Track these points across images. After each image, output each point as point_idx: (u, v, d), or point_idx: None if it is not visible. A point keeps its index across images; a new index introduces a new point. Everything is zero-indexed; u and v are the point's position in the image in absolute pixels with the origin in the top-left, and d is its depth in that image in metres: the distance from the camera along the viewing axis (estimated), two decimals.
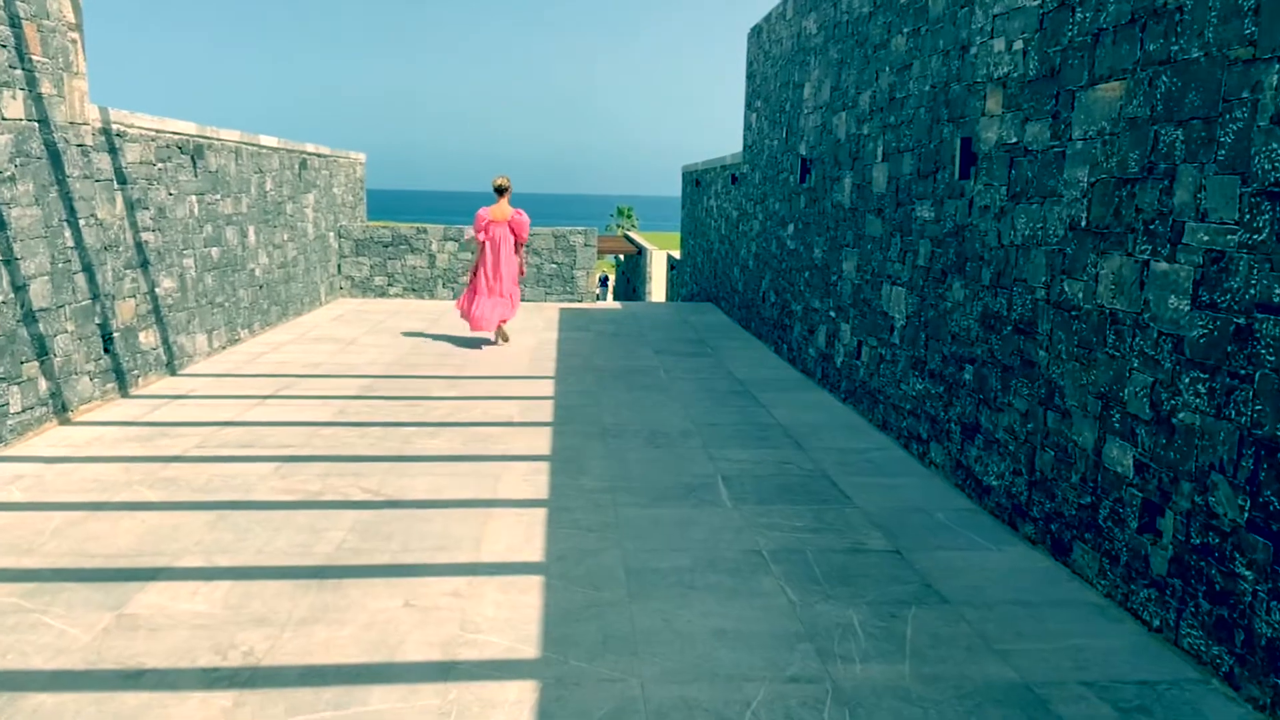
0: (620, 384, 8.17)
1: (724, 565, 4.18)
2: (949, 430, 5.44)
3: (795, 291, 9.14)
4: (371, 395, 7.53)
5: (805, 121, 8.82)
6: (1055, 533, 4.28)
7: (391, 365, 8.83)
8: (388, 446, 6.01)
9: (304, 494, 5.06)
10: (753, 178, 11.34)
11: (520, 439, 6.28)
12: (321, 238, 13.09)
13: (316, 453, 5.85)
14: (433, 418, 6.82)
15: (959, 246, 5.34)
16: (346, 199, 14.51)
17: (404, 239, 14.16)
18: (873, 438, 6.47)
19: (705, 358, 9.64)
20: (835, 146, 7.82)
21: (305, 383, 7.97)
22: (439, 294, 14.24)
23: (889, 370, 6.44)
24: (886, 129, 6.58)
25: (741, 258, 11.97)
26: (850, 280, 7.35)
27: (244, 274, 9.95)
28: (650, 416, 6.98)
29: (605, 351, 9.89)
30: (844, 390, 7.49)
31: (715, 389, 8.06)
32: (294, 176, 11.73)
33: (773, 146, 10.23)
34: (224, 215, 9.38)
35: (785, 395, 7.84)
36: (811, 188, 8.56)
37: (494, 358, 9.36)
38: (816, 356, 8.32)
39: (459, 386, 7.94)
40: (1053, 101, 4.36)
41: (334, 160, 13.71)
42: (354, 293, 14.17)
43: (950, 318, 5.44)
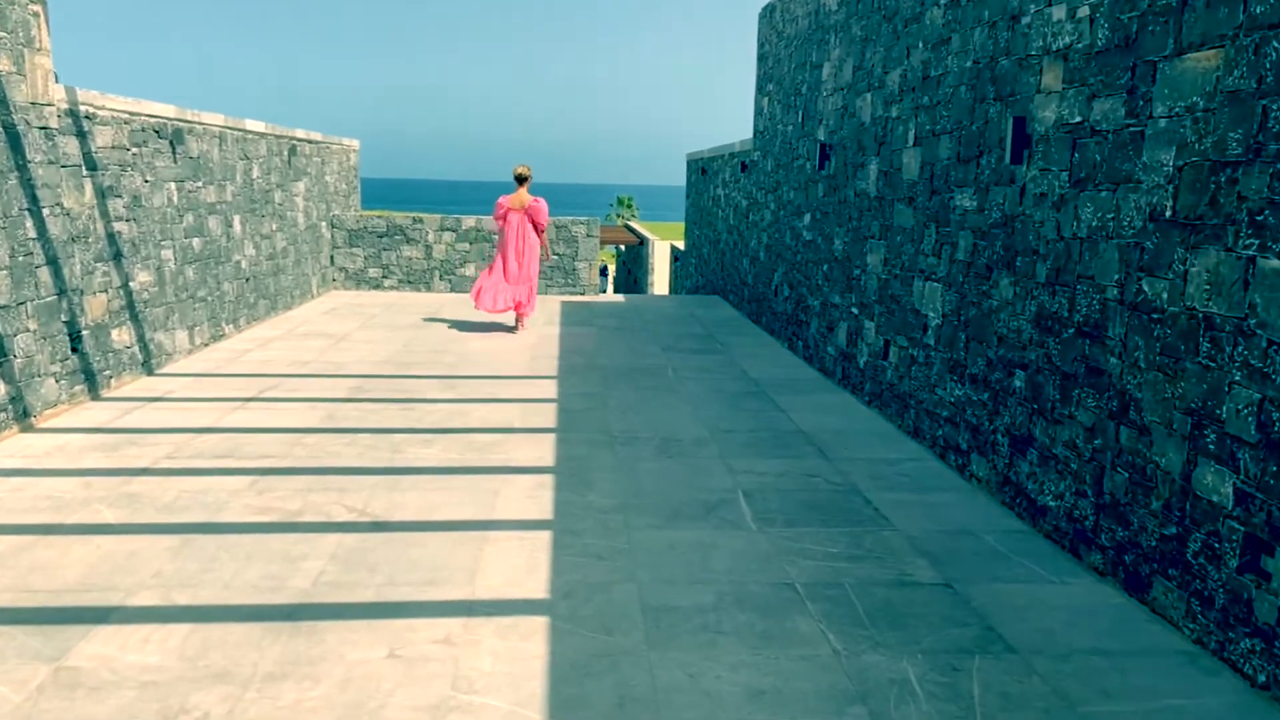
0: (627, 384, 7.66)
1: (753, 601, 3.68)
2: (995, 442, 4.93)
3: (812, 285, 8.63)
4: (361, 397, 7.01)
5: (824, 104, 8.29)
6: (1130, 565, 3.77)
7: (384, 364, 8.31)
8: (377, 457, 5.50)
9: (281, 514, 4.55)
10: (764, 165, 10.80)
11: (521, 447, 5.77)
12: (313, 228, 12.56)
13: (298, 464, 5.34)
14: (427, 423, 6.31)
15: (1008, 239, 4.82)
16: (340, 187, 13.96)
17: (399, 229, 13.63)
18: (904, 446, 5.96)
19: (715, 355, 9.12)
20: (859, 131, 7.29)
21: (291, 383, 7.45)
22: (435, 286, 13.71)
23: (922, 373, 5.93)
24: (919, 110, 6.05)
25: (752, 249, 11.45)
26: (876, 275, 6.83)
27: (229, 266, 9.43)
28: (661, 421, 6.47)
29: (610, 348, 9.38)
30: (868, 393, 6.98)
31: (728, 390, 7.54)
32: (283, 164, 11.19)
33: (787, 132, 9.70)
34: (206, 204, 8.85)
35: (804, 397, 7.33)
36: (831, 175, 8.03)
37: (492, 356, 8.85)
38: (836, 355, 7.80)
39: (455, 387, 7.43)
40: (1128, 74, 3.84)
41: (326, 147, 13.16)
42: (347, 285, 13.64)
43: (996, 317, 4.92)
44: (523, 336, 9.98)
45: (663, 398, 7.20)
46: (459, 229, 13.66)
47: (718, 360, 8.85)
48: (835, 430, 6.32)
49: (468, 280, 13.70)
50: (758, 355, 9.17)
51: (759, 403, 7.11)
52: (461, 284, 13.70)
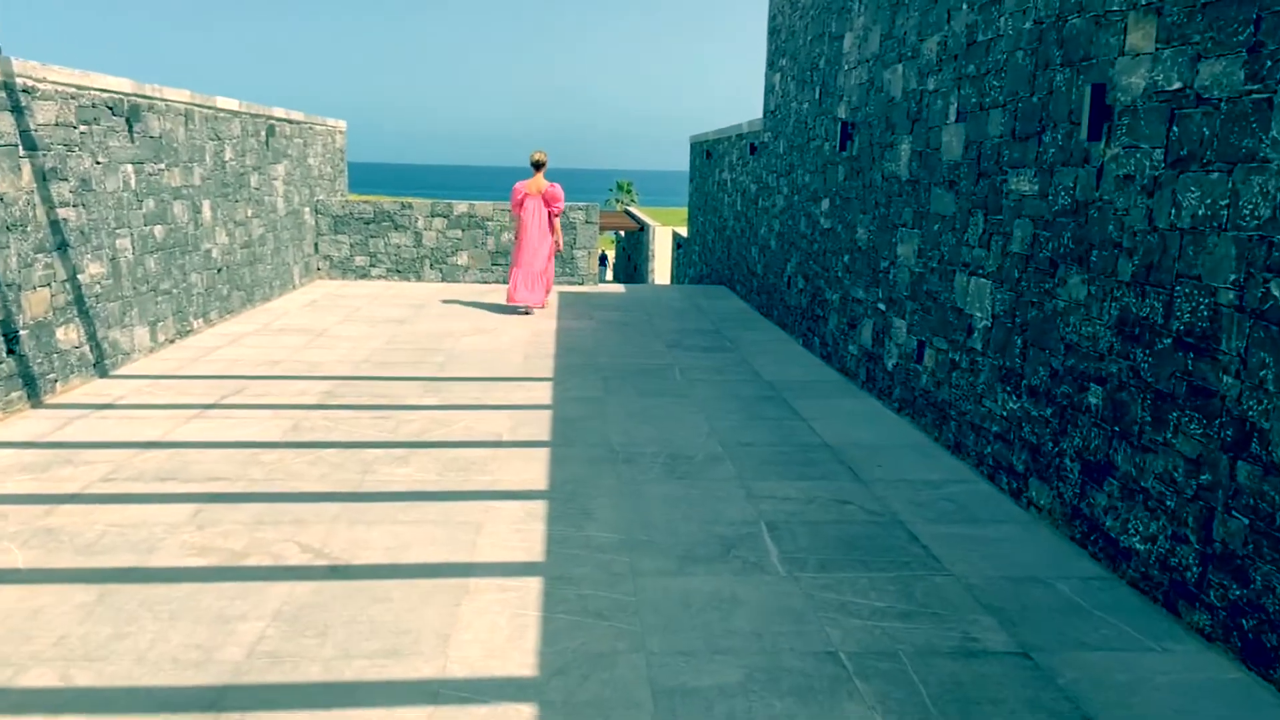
0: (630, 387, 6.95)
1: (789, 680, 2.98)
2: (1061, 467, 4.23)
3: (830, 278, 7.91)
4: (334, 404, 6.30)
5: (846, 79, 7.54)
6: (1250, 632, 3.08)
7: (363, 363, 7.59)
8: (343, 479, 4.80)
9: (223, 555, 3.85)
10: (776, 146, 10.06)
11: (510, 466, 5.06)
12: (294, 214, 11.82)
13: (252, 488, 4.63)
14: (404, 434, 5.60)
15: (1080, 229, 4.10)
16: (324, 171, 13.21)
17: (387, 215, 12.89)
18: (945, 464, 5.25)
19: (725, 353, 8.41)
20: (887, 107, 6.56)
21: (259, 386, 6.74)
22: (426, 276, 12.98)
23: (965, 381, 5.22)
24: (963, 81, 5.32)
25: (761, 237, 10.72)
26: (907, 267, 6.12)
27: (197, 256, 8.70)
28: (668, 432, 5.77)
29: (610, 345, 8.67)
30: (898, 399, 6.27)
31: (741, 394, 6.84)
32: (260, 145, 10.44)
33: (802, 110, 8.96)
34: (170, 188, 8.12)
35: (825, 403, 6.62)
36: (854, 156, 7.29)
37: (483, 354, 8.14)
38: (859, 355, 7.09)
39: (440, 391, 6.72)
40: (1250, 29, 3.11)
41: (309, 128, 12.40)
42: (333, 274, 12.91)
43: (1064, 321, 4.21)
44: (515, 331, 9.27)
45: (670, 404, 6.49)
46: (450, 215, 12.92)
47: (728, 359, 8.14)
48: (864, 443, 5.62)
49: (459, 269, 12.97)
50: (770, 353, 8.46)
51: (776, 409, 6.41)
52: (453, 273, 12.98)
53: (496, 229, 12.91)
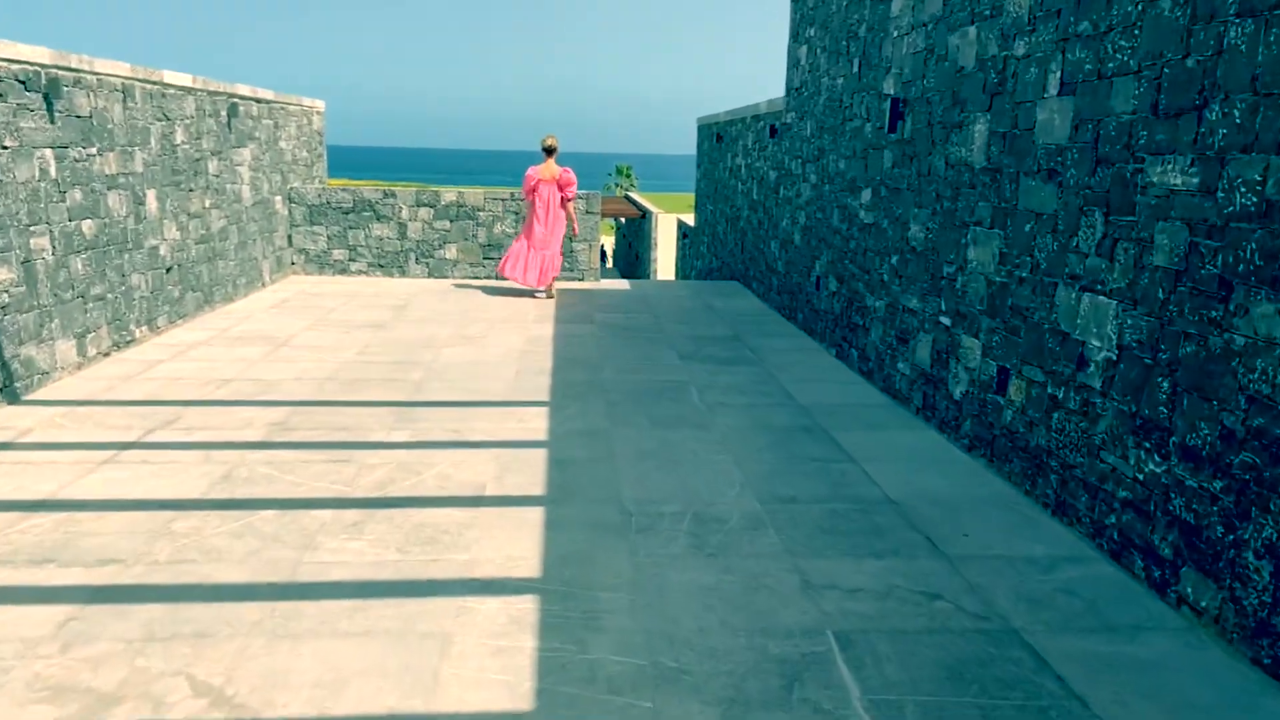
0: (640, 415, 5.83)
1: None
2: (1238, 561, 3.11)
3: (872, 281, 6.78)
4: (282, 441, 5.18)
5: (895, 48, 6.39)
6: None
7: (327, 382, 6.47)
8: (275, 560, 3.68)
9: (81, 706, 2.73)
10: (801, 128, 8.91)
11: (492, 535, 3.95)
12: (264, 203, 10.66)
13: (151, 577, 3.52)
14: (363, 488, 4.49)
15: (1272, 240, 2.98)
16: (299, 155, 12.04)
17: (368, 204, 11.73)
18: (1048, 532, 4.14)
19: (747, 367, 7.28)
20: (954, 79, 5.41)
21: (196, 415, 5.62)
22: (411, 270, 11.83)
23: (1074, 425, 4.10)
24: (1071, 42, 4.18)
25: (783, 230, 9.57)
26: (983, 275, 4.99)
27: (140, 254, 7.55)
28: (691, 481, 4.65)
29: (615, 356, 7.54)
30: (969, 435, 5.16)
31: (773, 423, 5.72)
32: (220, 126, 9.27)
33: (835, 86, 7.80)
34: (104, 176, 6.97)
35: (876, 437, 5.50)
36: (906, 139, 6.15)
37: (469, 369, 7.01)
38: (913, 376, 5.97)
39: (413, 421, 5.60)
40: None
41: (280, 107, 11.23)
42: (308, 269, 11.75)
43: (1246, 364, 3.09)
44: (507, 339, 8.13)
45: (689, 438, 5.37)
46: (437, 204, 11.76)
47: (752, 375, 7.01)
48: (936, 496, 4.51)
49: (447, 264, 11.83)
50: (800, 367, 7.33)
51: (819, 445, 5.29)
52: (441, 268, 11.83)
53: (489, 219, 11.76)
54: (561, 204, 10.40)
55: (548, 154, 10.47)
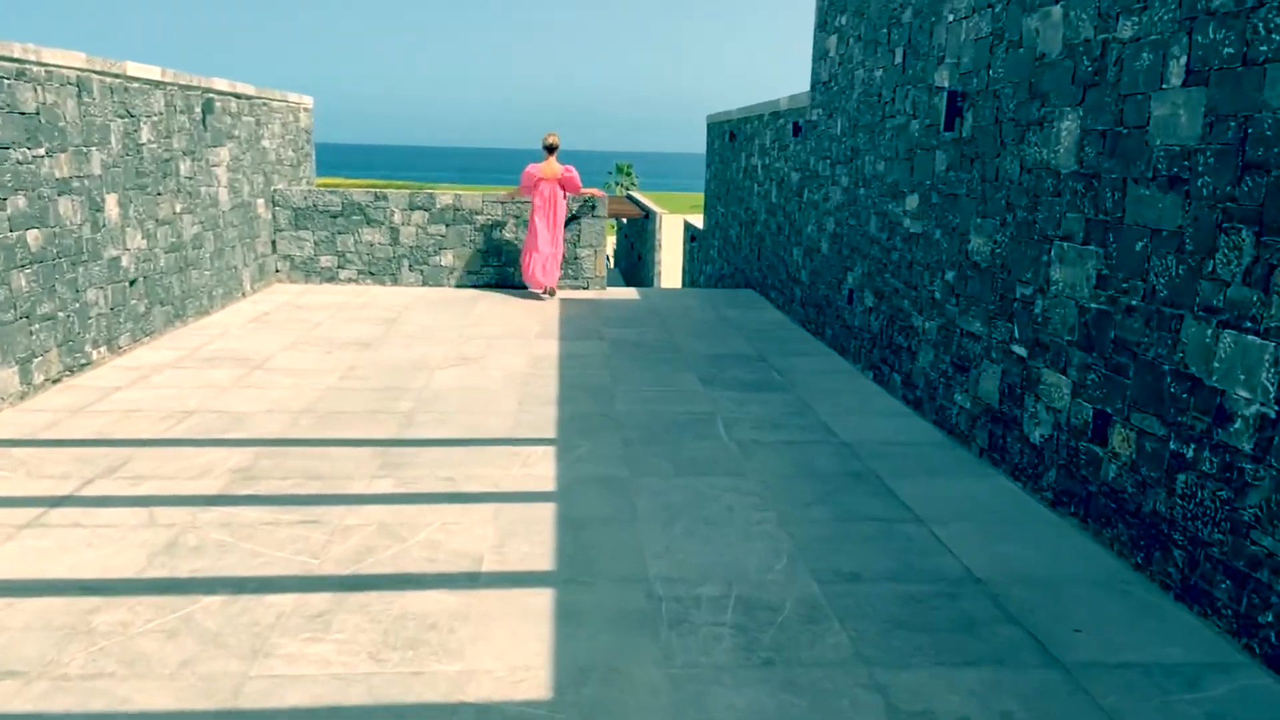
0: (662, 457, 5.05)
1: None
2: None
3: (920, 299, 6.00)
4: (243, 495, 4.39)
5: (950, 34, 5.61)
6: None
7: (303, 415, 5.69)
8: (210, 675, 2.90)
9: None
10: (830, 126, 8.12)
11: (491, 633, 3.17)
12: (244, 207, 9.87)
13: (48, 704, 2.74)
14: (334, 560, 3.71)
15: None
16: (284, 154, 11.24)
17: (358, 207, 10.93)
18: (1179, 627, 3.35)
19: (777, 393, 6.50)
20: (1032, 68, 4.63)
21: (148, 460, 4.83)
22: (404, 278, 11.04)
23: (1212, 495, 3.32)
24: (1200, 21, 3.40)
25: (809, 237, 8.79)
26: (1073, 299, 4.21)
27: (98, 266, 6.77)
28: (730, 550, 3.87)
29: (628, 380, 6.75)
30: (1054, 488, 4.38)
31: (817, 467, 4.94)
32: (193, 124, 8.48)
33: (872, 79, 7.01)
34: (54, 180, 6.18)
35: (939, 486, 4.72)
36: (965, 138, 5.37)
37: (464, 397, 6.22)
38: (974, 411, 5.19)
39: (400, 467, 4.81)
40: None
41: (263, 103, 10.43)
42: (294, 277, 10.96)
43: None
44: (508, 360, 7.35)
45: (723, 488, 4.59)
46: (432, 207, 10.96)
47: (783, 403, 6.23)
48: (1030, 574, 3.72)
49: (443, 271, 11.04)
50: (836, 393, 6.55)
51: (875, 498, 4.51)
52: (436, 275, 11.04)
53: (486, 224, 10.97)
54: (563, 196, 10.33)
55: (549, 152, 10.26)
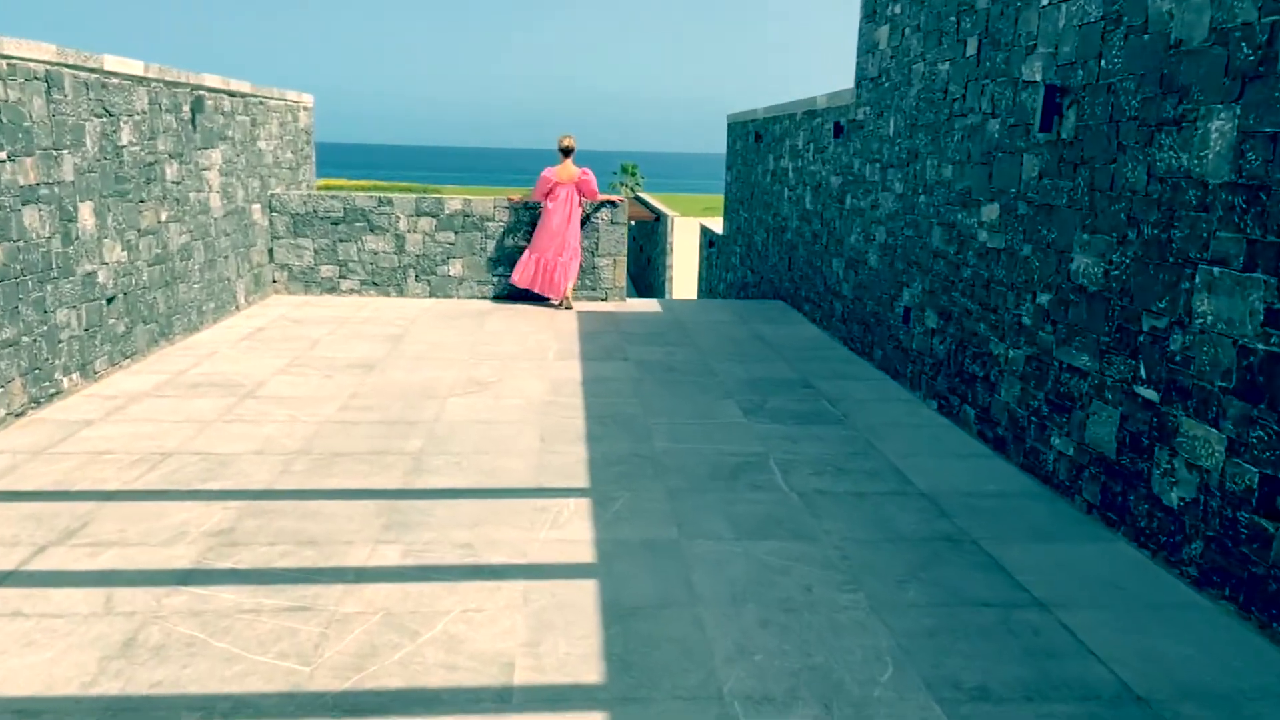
0: (716, 513, 4.31)
1: None
2: None
3: (1002, 323, 5.25)
4: (221, 570, 3.65)
5: (1044, 20, 4.86)
6: None
7: (298, 457, 4.95)
8: None
9: None
10: (880, 126, 7.38)
11: None
12: (238, 213, 9.14)
13: None
14: (327, 667, 2.97)
15: None
16: (282, 157, 10.52)
17: (361, 213, 10.20)
18: None
19: (833, 427, 5.75)
20: (1163, 58, 3.88)
21: (113, 517, 4.10)
22: (410, 289, 10.31)
23: None
24: None
25: (853, 247, 8.04)
26: (1229, 337, 3.46)
27: (70, 283, 6.04)
28: (818, 650, 3.13)
29: (663, 411, 6.01)
30: (1197, 561, 3.63)
31: (900, 529, 4.19)
32: (181, 123, 7.75)
33: (936, 74, 6.27)
34: (16, 187, 5.46)
35: (1051, 554, 3.96)
36: (1067, 140, 4.62)
37: (480, 433, 5.48)
38: (1079, 459, 4.44)
39: (409, 525, 4.07)
40: None
41: (259, 102, 9.71)
42: (292, 287, 10.23)
43: None
44: (526, 384, 6.61)
45: (793, 558, 3.84)
46: (440, 213, 10.23)
47: (842, 441, 5.48)
48: (1199, 686, 2.96)
49: (452, 281, 10.30)
50: (898, 427, 5.80)
51: (979, 572, 3.76)
52: (444, 285, 10.31)
53: (498, 231, 10.24)
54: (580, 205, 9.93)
55: (565, 155, 9.88)
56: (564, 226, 9.71)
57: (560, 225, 9.69)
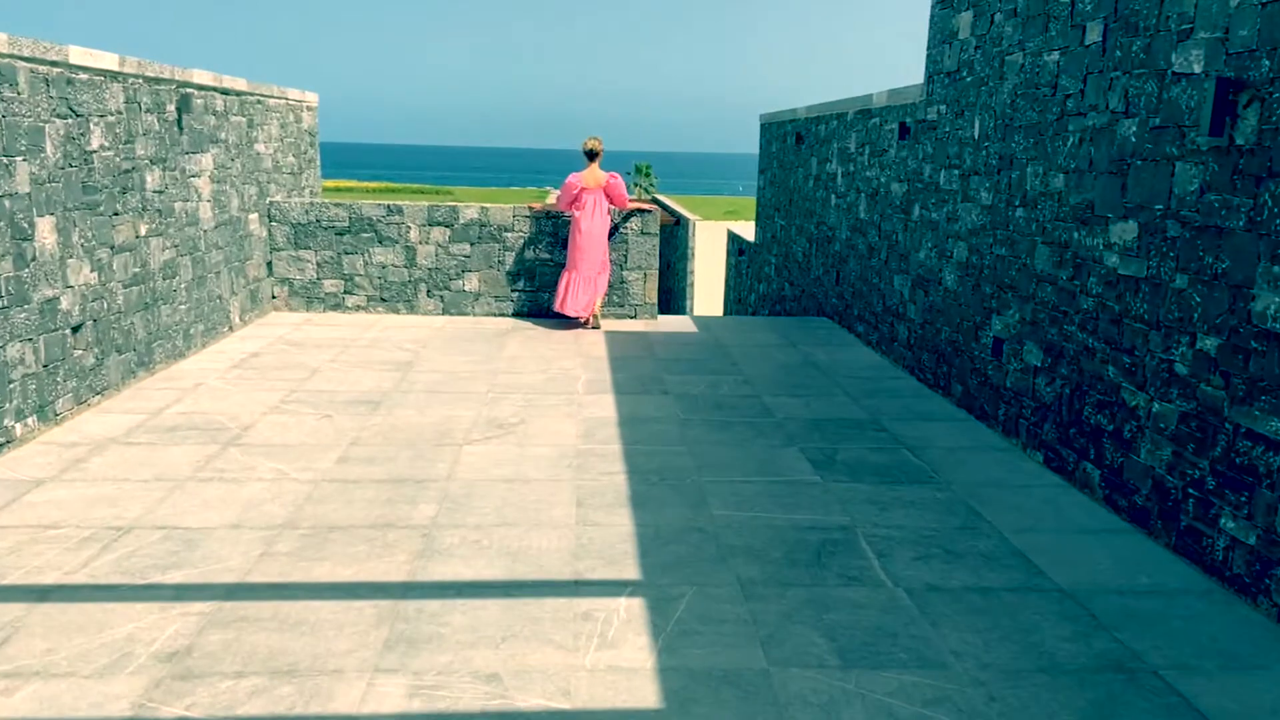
0: (808, 625, 3.37)
1: None
2: None
3: (1143, 369, 4.30)
4: (169, 712, 2.76)
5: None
6: None
7: (282, 532, 4.05)
8: None
9: None
10: (959, 127, 6.43)
11: None
12: (232, 224, 8.26)
13: None
14: None
15: None
16: (282, 160, 9.64)
17: (368, 223, 9.30)
18: None
19: (924, 487, 4.81)
20: None
21: (41, 628, 3.20)
22: (421, 306, 9.41)
23: None
24: None
25: (921, 264, 7.10)
26: None
27: (24, 312, 5.16)
28: None
29: (717, 461, 5.08)
30: None
31: (1051, 652, 3.25)
32: (165, 124, 6.88)
33: (1041, 66, 5.32)
34: None
35: (1258, 689, 3.02)
36: (1247, 147, 3.66)
37: (502, 495, 4.56)
38: (1266, 553, 3.50)
39: (416, 639, 3.16)
40: None
41: (257, 101, 8.83)
42: (294, 303, 9.35)
43: None
44: (557, 431, 5.69)
45: (927, 699, 2.91)
46: (455, 223, 9.33)
47: (940, 506, 4.54)
48: None
49: (467, 298, 9.40)
50: (1003, 488, 4.85)
51: None
52: (459, 302, 9.41)
53: (517, 242, 9.33)
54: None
55: (590, 158, 8.93)
56: (596, 236, 8.79)
57: (592, 236, 8.75)
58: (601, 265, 8.93)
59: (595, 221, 8.81)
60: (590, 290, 8.85)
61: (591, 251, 8.80)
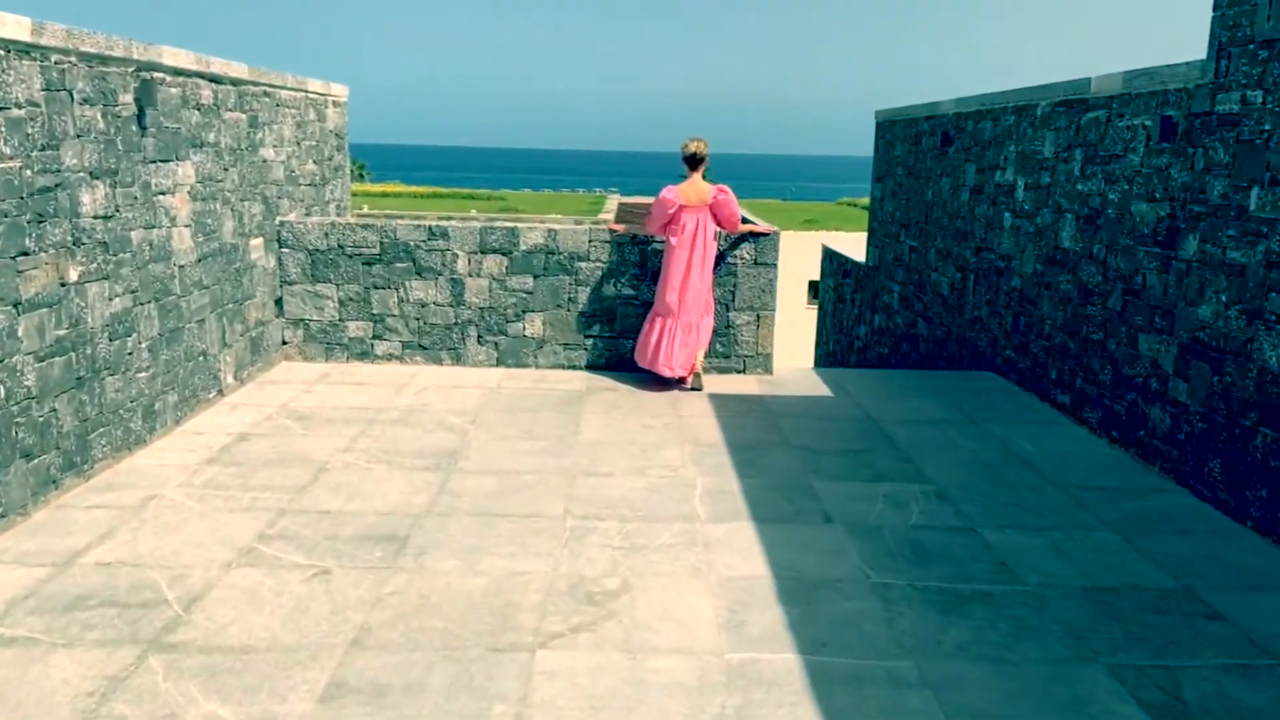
0: None
1: None
2: None
3: None
4: None
5: None
6: None
7: None
8: None
9: None
10: None
11: None
12: (225, 253, 6.24)
13: None
14: None
15: None
16: (299, 169, 7.62)
17: (404, 249, 7.23)
18: None
19: None
20: None
21: None
22: (470, 355, 7.32)
23: None
24: None
25: (1204, 324, 4.79)
26: None
27: None
28: None
29: (967, 696, 2.88)
30: None
31: None
32: (115, 121, 4.85)
33: None
34: None
35: None
36: None
37: None
38: None
39: None
40: None
41: (264, 93, 6.81)
42: (310, 350, 7.31)
43: None
44: (686, 604, 3.53)
45: None
46: (514, 250, 7.21)
47: None
48: None
49: (529, 346, 7.29)
50: None
51: None
52: (517, 350, 7.30)
53: (593, 274, 7.20)
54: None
55: (692, 166, 6.77)
56: (699, 272, 6.64)
57: (695, 270, 6.63)
58: (705, 307, 6.79)
59: (698, 251, 6.65)
60: (692, 341, 6.71)
61: (693, 290, 6.65)
